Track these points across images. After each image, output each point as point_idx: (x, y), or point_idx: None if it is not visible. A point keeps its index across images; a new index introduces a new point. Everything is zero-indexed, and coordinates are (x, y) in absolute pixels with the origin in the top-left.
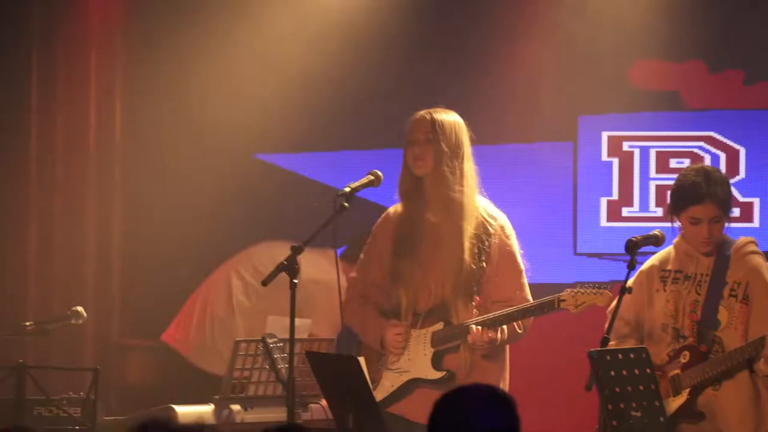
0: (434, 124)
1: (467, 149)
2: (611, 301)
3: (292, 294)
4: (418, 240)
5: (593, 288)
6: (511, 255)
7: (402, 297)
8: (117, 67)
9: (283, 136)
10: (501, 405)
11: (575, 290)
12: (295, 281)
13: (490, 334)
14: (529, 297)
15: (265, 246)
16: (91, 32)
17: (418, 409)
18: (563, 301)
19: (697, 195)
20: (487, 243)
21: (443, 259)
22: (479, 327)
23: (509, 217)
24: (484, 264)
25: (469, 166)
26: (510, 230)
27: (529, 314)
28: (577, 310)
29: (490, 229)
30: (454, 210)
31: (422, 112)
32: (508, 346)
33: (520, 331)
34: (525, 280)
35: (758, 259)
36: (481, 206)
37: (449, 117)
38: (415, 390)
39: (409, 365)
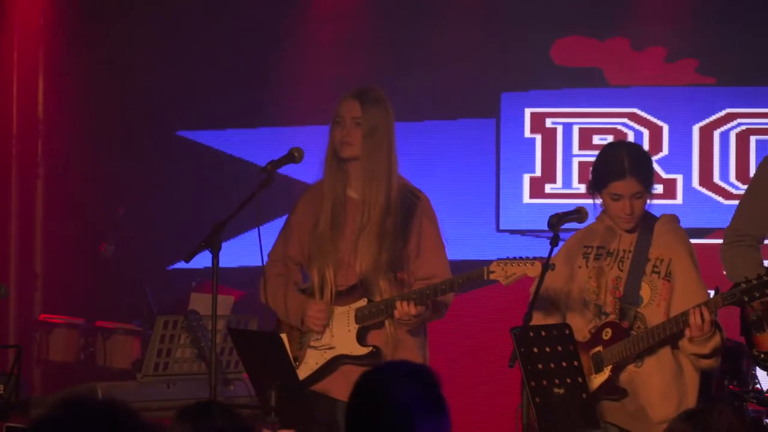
0: (362, 107)
1: (392, 129)
2: (540, 271)
3: (215, 270)
4: (340, 217)
5: (524, 259)
6: (434, 233)
7: (324, 274)
8: (40, 45)
9: (205, 113)
10: (425, 382)
11: (504, 261)
12: (217, 258)
13: (417, 308)
14: (450, 274)
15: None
16: (14, 10)
17: (343, 386)
18: (493, 272)
19: (619, 171)
20: (409, 220)
21: (366, 236)
22: (406, 301)
23: (432, 194)
24: (407, 241)
25: (393, 145)
26: (431, 208)
27: (458, 286)
28: (507, 281)
29: (413, 206)
30: (378, 188)
31: (350, 94)
32: (428, 324)
33: (442, 309)
34: (446, 258)
35: (681, 236)
36: (403, 184)
37: (377, 97)
38: (339, 367)
39: (334, 342)
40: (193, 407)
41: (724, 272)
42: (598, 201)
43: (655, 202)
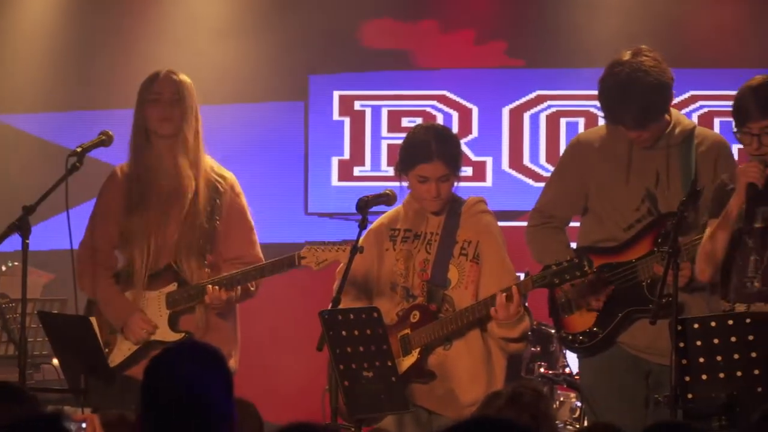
0: (180, 85)
1: (199, 112)
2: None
3: (24, 253)
4: (148, 200)
5: (335, 244)
6: (242, 213)
7: (134, 258)
8: None
9: (15, 96)
10: (210, 359)
11: (315, 247)
12: (27, 241)
13: (227, 293)
14: (260, 254)
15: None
16: None
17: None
18: (304, 258)
19: (426, 154)
20: (217, 201)
21: (174, 218)
22: (216, 287)
23: (241, 177)
24: (216, 222)
25: (201, 128)
26: (239, 188)
27: (268, 272)
28: (318, 267)
29: (220, 187)
30: (186, 170)
31: (164, 72)
32: (237, 306)
33: (252, 289)
34: (255, 238)
35: (488, 219)
36: (210, 166)
37: (185, 79)
38: (152, 353)
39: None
40: None
41: (531, 254)
42: (406, 183)
43: (465, 184)
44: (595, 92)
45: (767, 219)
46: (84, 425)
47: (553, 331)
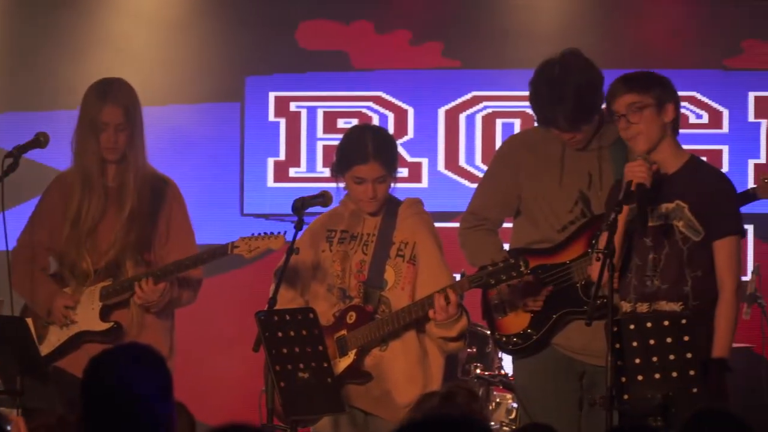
0: (125, 113)
1: (142, 117)
2: (284, 244)
3: None
4: (91, 202)
5: (267, 234)
6: (183, 218)
7: (73, 260)
8: None
9: None
10: (150, 362)
11: (249, 237)
12: None
13: (159, 285)
14: None
15: None
16: None
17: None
18: (236, 247)
19: (362, 155)
20: (159, 205)
21: (114, 220)
22: (149, 278)
23: (176, 178)
24: (156, 225)
25: (143, 131)
26: (180, 194)
27: (201, 262)
28: (250, 255)
29: (162, 192)
30: (128, 173)
31: (113, 91)
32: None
33: (190, 290)
34: (195, 244)
35: (425, 220)
36: (151, 169)
37: (130, 94)
38: (81, 345)
39: (77, 319)
40: None
41: (465, 257)
42: (342, 184)
43: (401, 185)
44: None
45: (662, 217)
46: (9, 428)
47: (488, 332)
